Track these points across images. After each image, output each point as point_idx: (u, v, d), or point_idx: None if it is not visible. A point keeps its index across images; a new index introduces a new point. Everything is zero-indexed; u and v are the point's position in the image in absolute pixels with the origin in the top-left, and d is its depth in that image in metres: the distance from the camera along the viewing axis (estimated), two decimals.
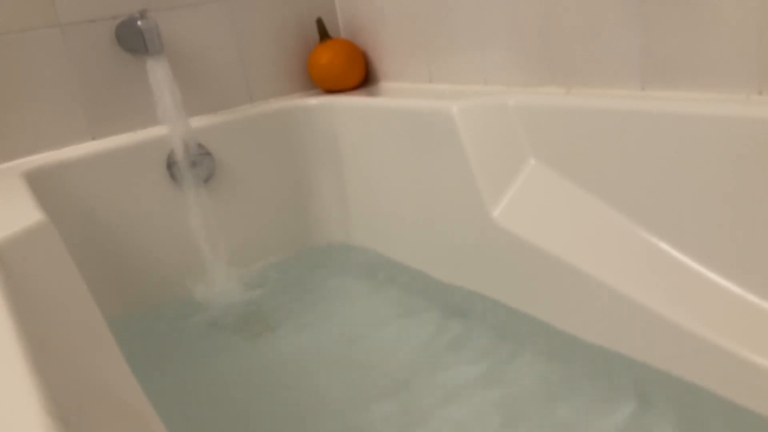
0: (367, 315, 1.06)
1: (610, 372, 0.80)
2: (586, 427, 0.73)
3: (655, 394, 0.75)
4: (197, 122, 1.18)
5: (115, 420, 0.59)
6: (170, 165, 1.14)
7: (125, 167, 1.11)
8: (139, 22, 1.07)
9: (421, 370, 0.89)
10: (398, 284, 1.12)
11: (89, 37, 1.11)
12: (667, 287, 0.75)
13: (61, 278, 0.71)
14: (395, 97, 1.18)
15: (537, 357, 0.86)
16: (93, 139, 1.14)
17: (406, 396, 0.84)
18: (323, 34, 1.32)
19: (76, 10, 1.09)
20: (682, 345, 0.71)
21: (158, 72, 1.08)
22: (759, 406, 0.66)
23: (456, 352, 0.91)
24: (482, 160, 0.94)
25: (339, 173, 1.26)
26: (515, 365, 0.85)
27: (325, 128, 1.24)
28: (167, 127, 1.11)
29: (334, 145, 1.24)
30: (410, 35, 1.19)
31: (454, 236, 1.02)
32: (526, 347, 0.88)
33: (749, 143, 0.68)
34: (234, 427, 0.84)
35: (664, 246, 0.77)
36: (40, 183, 0.99)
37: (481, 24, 1.04)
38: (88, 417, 0.54)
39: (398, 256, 1.16)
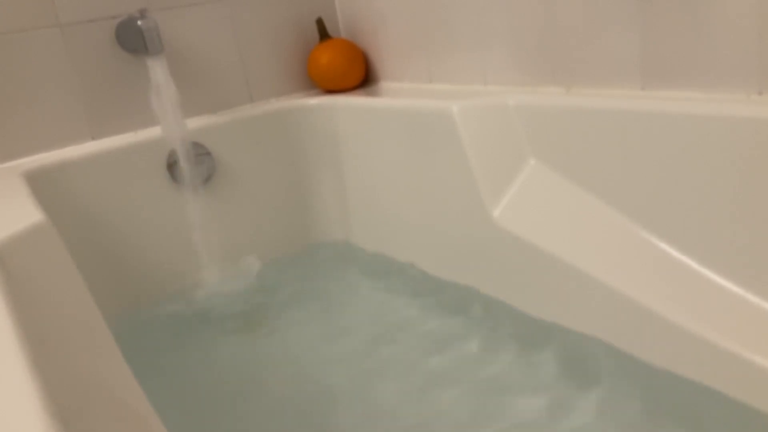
0: (366, 313, 1.06)
1: (611, 369, 0.80)
2: (587, 426, 0.73)
3: (656, 393, 0.75)
4: (197, 122, 1.18)
5: (115, 420, 0.59)
6: (170, 165, 1.14)
7: (125, 167, 1.11)
8: (139, 22, 1.07)
9: (420, 369, 0.89)
10: (398, 283, 1.12)
11: (89, 37, 1.11)
12: (666, 286, 0.75)
13: (61, 278, 0.71)
14: (395, 97, 1.18)
15: (538, 355, 0.86)
16: (93, 139, 1.14)
17: (404, 395, 0.84)
18: (323, 34, 1.32)
19: (76, 10, 1.09)
20: (683, 344, 0.71)
21: (158, 72, 1.08)
22: (760, 405, 0.66)
23: (456, 351, 0.91)
24: (482, 160, 0.94)
25: (339, 173, 1.26)
26: (516, 364, 0.85)
27: (325, 128, 1.24)
28: (167, 127, 1.11)
29: (334, 145, 1.24)
30: (410, 35, 1.19)
31: (454, 236, 1.02)
32: (526, 345, 0.88)
33: (749, 143, 0.68)
34: (233, 426, 0.84)
35: (664, 245, 0.77)
36: (40, 183, 0.99)
37: (481, 24, 1.04)
38: (88, 417, 0.54)
39: (398, 254, 1.17)
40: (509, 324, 0.93)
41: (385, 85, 1.29)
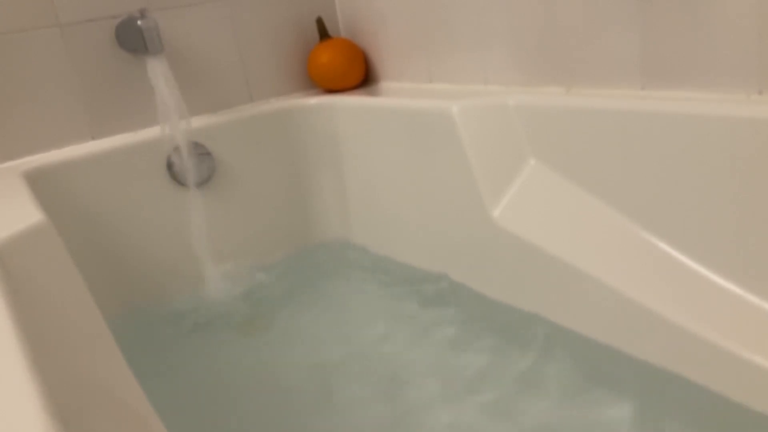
0: (365, 313, 1.06)
1: (611, 369, 0.80)
2: (587, 425, 0.73)
3: (656, 393, 0.75)
4: (197, 122, 1.18)
5: (115, 420, 0.59)
6: (170, 165, 1.14)
7: (125, 167, 1.11)
8: (139, 22, 1.07)
9: (419, 370, 0.89)
10: (397, 283, 1.12)
11: (89, 37, 1.11)
12: (666, 286, 0.75)
13: (61, 278, 0.71)
14: (395, 97, 1.18)
15: (538, 355, 0.86)
16: (93, 139, 1.14)
17: (403, 396, 0.84)
18: (323, 33, 1.32)
19: (75, 10, 1.09)
20: (683, 344, 0.71)
21: (158, 72, 1.08)
22: (760, 405, 0.66)
23: (454, 351, 0.91)
24: (482, 160, 0.94)
25: (339, 173, 1.26)
26: (516, 364, 0.85)
27: (325, 128, 1.24)
28: (167, 127, 1.11)
29: (334, 145, 1.24)
30: (410, 35, 1.19)
31: (455, 236, 1.02)
32: (526, 345, 0.88)
33: (749, 143, 0.68)
34: (233, 426, 0.84)
35: (664, 246, 0.77)
36: (40, 183, 0.99)
37: (481, 24, 1.04)
38: (88, 417, 0.54)
39: (398, 254, 1.16)
40: (508, 323, 0.93)
41: (385, 85, 1.29)
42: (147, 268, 1.14)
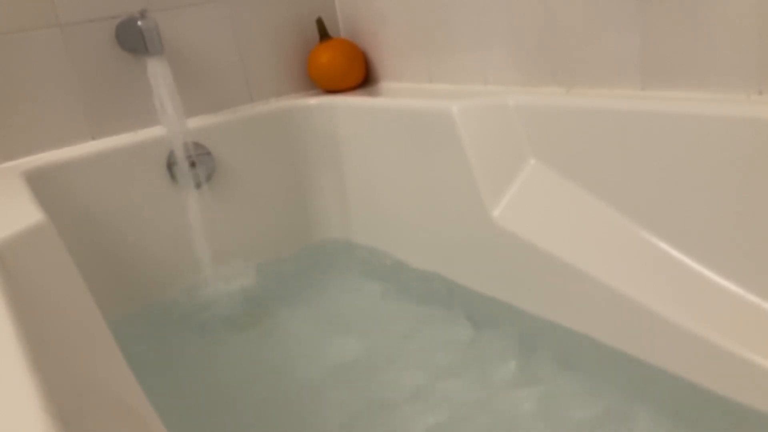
0: (366, 313, 1.06)
1: (611, 369, 0.80)
2: (585, 425, 0.73)
3: (655, 393, 0.75)
4: (197, 122, 1.18)
5: (115, 420, 0.59)
6: (170, 165, 1.14)
7: (125, 167, 1.11)
8: (139, 22, 1.07)
9: (418, 369, 0.89)
10: (398, 282, 1.12)
11: (89, 37, 1.11)
12: (666, 286, 0.75)
13: (61, 278, 0.71)
14: (395, 97, 1.18)
15: (538, 354, 0.86)
16: (93, 139, 1.14)
17: (403, 395, 0.84)
18: (323, 33, 1.32)
19: (76, 10, 1.09)
20: (683, 344, 0.71)
21: (158, 72, 1.08)
22: (760, 405, 0.66)
23: (453, 350, 0.91)
24: (482, 160, 0.94)
25: (339, 173, 1.26)
26: (516, 363, 0.85)
27: (325, 128, 1.24)
28: (167, 127, 1.11)
29: (334, 145, 1.24)
30: (410, 35, 1.19)
31: (455, 235, 1.02)
32: (526, 344, 0.88)
33: (750, 143, 0.68)
34: (233, 425, 0.84)
35: (664, 245, 0.77)
36: (40, 183, 0.99)
37: (481, 24, 1.04)
38: (88, 417, 0.54)
39: (398, 254, 1.17)
40: (509, 323, 0.93)
41: (385, 85, 1.29)
42: (147, 267, 1.14)
